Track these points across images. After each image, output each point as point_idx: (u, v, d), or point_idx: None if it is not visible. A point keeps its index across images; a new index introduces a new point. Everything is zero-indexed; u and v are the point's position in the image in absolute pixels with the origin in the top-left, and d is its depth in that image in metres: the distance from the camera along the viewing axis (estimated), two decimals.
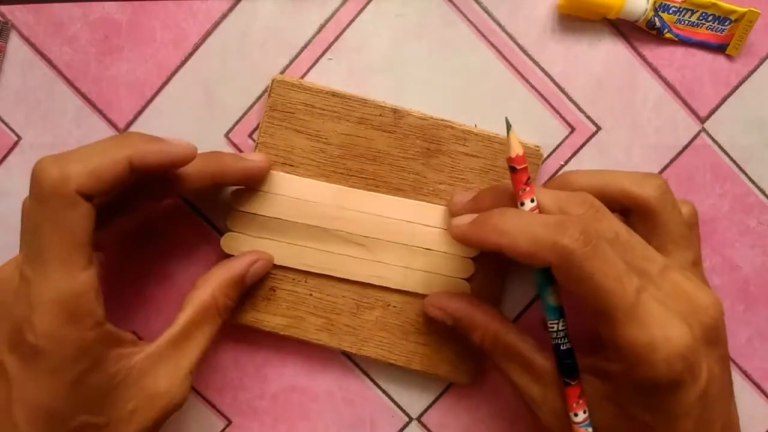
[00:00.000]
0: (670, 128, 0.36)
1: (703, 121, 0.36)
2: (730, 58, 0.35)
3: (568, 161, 0.36)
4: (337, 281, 0.35)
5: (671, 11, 0.34)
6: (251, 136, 0.36)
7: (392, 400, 0.37)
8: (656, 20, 0.34)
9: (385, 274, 0.34)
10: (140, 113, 0.35)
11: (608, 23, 0.35)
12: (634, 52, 0.35)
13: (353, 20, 0.35)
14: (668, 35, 0.35)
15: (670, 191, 0.30)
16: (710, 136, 0.36)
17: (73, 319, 0.26)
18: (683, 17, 0.34)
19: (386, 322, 0.35)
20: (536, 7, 0.35)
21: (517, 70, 0.35)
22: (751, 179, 0.36)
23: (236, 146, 0.36)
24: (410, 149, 0.34)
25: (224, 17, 0.35)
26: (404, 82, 0.35)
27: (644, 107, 0.35)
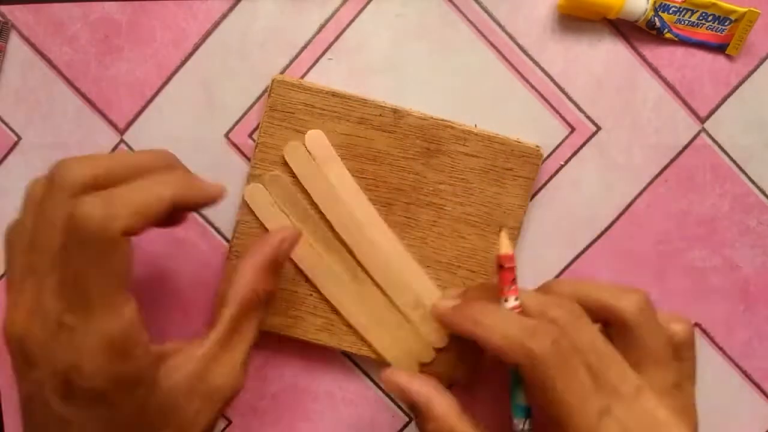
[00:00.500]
0: (670, 128, 0.36)
1: (703, 121, 0.36)
2: (730, 58, 0.35)
3: (568, 161, 0.36)
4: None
5: (671, 11, 0.34)
6: (251, 136, 0.36)
7: (392, 400, 0.37)
8: (656, 20, 0.34)
9: (359, 320, 0.35)
10: (140, 113, 0.35)
11: (608, 23, 0.35)
12: (634, 52, 0.35)
13: (353, 20, 0.35)
14: (668, 35, 0.35)
15: (649, 307, 0.29)
16: (710, 136, 0.36)
17: (124, 354, 0.25)
18: (683, 17, 0.34)
19: None
20: (536, 7, 0.35)
21: (517, 70, 0.35)
22: (751, 179, 0.36)
23: (236, 146, 0.36)
24: (410, 149, 0.34)
25: (224, 17, 0.35)
26: (404, 82, 0.35)
27: (644, 107, 0.35)
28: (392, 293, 0.34)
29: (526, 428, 0.29)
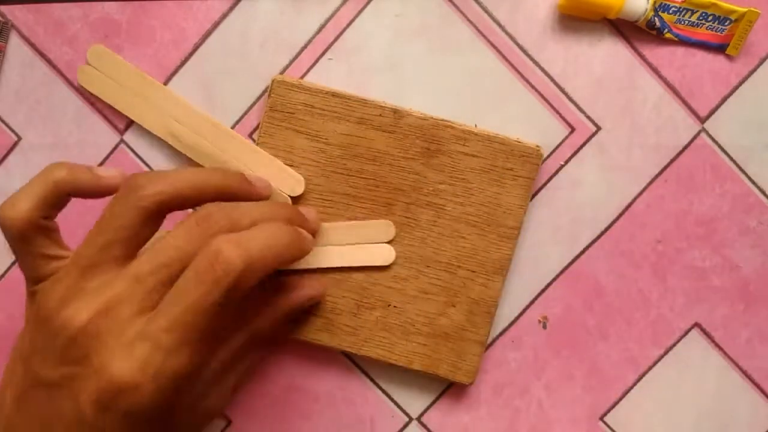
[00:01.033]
0: (670, 128, 0.36)
1: (703, 121, 0.36)
2: (730, 58, 0.35)
3: (568, 161, 0.36)
4: (337, 281, 0.35)
5: (671, 11, 0.34)
6: (251, 135, 0.36)
7: (392, 400, 0.37)
8: (656, 20, 0.34)
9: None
10: None
11: (608, 23, 0.35)
12: (634, 52, 0.35)
13: (353, 20, 0.35)
14: (668, 35, 0.35)
15: None
16: (710, 136, 0.36)
17: (179, 389, 0.26)
18: (683, 17, 0.34)
19: (386, 322, 0.35)
20: (536, 7, 0.35)
21: (517, 70, 0.35)
22: (751, 179, 0.36)
23: None
24: (410, 149, 0.34)
25: (224, 17, 0.35)
26: (404, 82, 0.35)
27: (644, 107, 0.35)
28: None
29: None
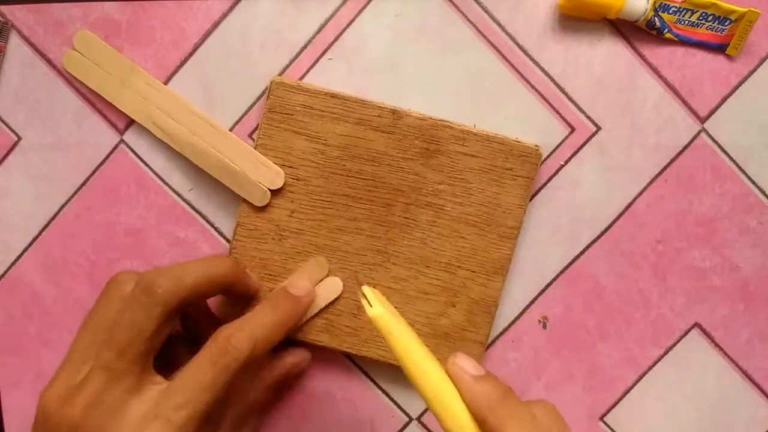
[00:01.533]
0: (670, 128, 0.36)
1: (703, 121, 0.36)
2: (730, 58, 0.35)
3: (568, 161, 0.36)
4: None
5: (671, 11, 0.34)
6: (251, 136, 0.36)
7: (392, 400, 0.37)
8: (656, 20, 0.34)
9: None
10: None
11: (608, 23, 0.35)
12: (634, 52, 0.35)
13: (353, 20, 0.35)
14: (668, 35, 0.35)
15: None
16: (710, 136, 0.36)
17: None
18: (683, 17, 0.34)
19: None
20: (536, 7, 0.35)
21: (517, 70, 0.35)
22: (751, 179, 0.36)
23: None
24: (409, 150, 0.34)
25: (224, 17, 0.35)
26: (404, 82, 0.35)
27: (644, 107, 0.35)
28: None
29: None
